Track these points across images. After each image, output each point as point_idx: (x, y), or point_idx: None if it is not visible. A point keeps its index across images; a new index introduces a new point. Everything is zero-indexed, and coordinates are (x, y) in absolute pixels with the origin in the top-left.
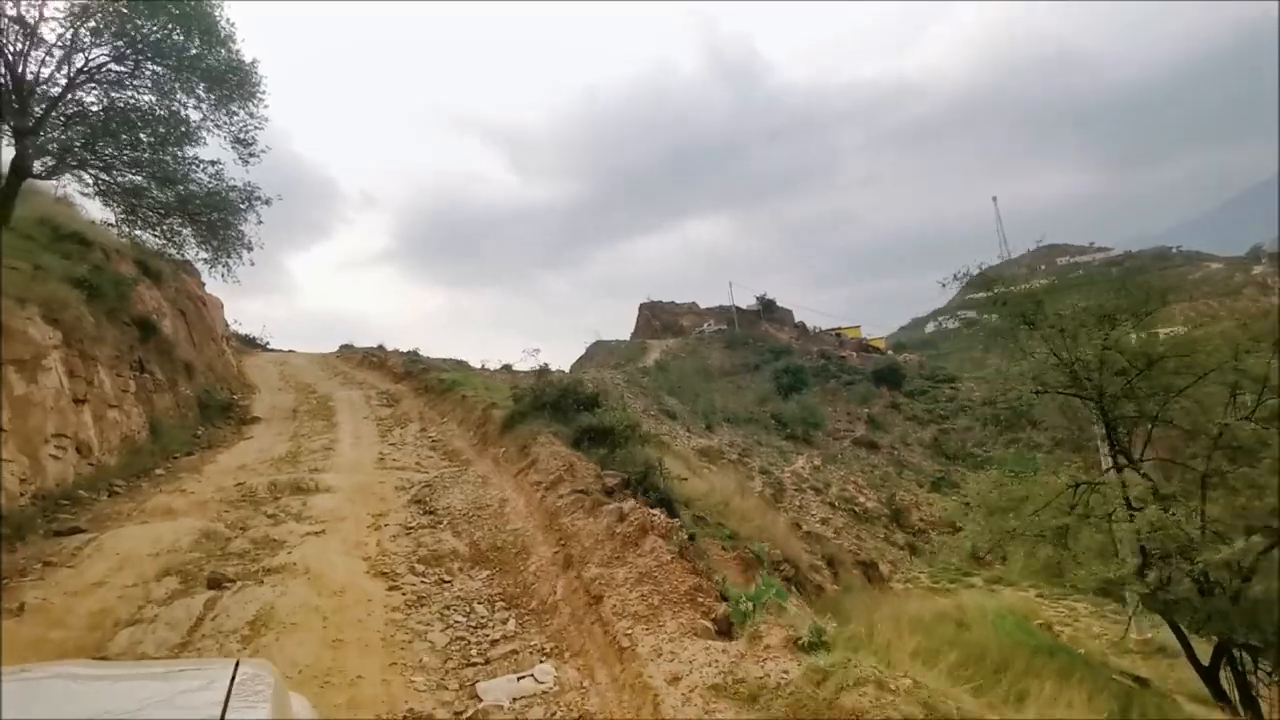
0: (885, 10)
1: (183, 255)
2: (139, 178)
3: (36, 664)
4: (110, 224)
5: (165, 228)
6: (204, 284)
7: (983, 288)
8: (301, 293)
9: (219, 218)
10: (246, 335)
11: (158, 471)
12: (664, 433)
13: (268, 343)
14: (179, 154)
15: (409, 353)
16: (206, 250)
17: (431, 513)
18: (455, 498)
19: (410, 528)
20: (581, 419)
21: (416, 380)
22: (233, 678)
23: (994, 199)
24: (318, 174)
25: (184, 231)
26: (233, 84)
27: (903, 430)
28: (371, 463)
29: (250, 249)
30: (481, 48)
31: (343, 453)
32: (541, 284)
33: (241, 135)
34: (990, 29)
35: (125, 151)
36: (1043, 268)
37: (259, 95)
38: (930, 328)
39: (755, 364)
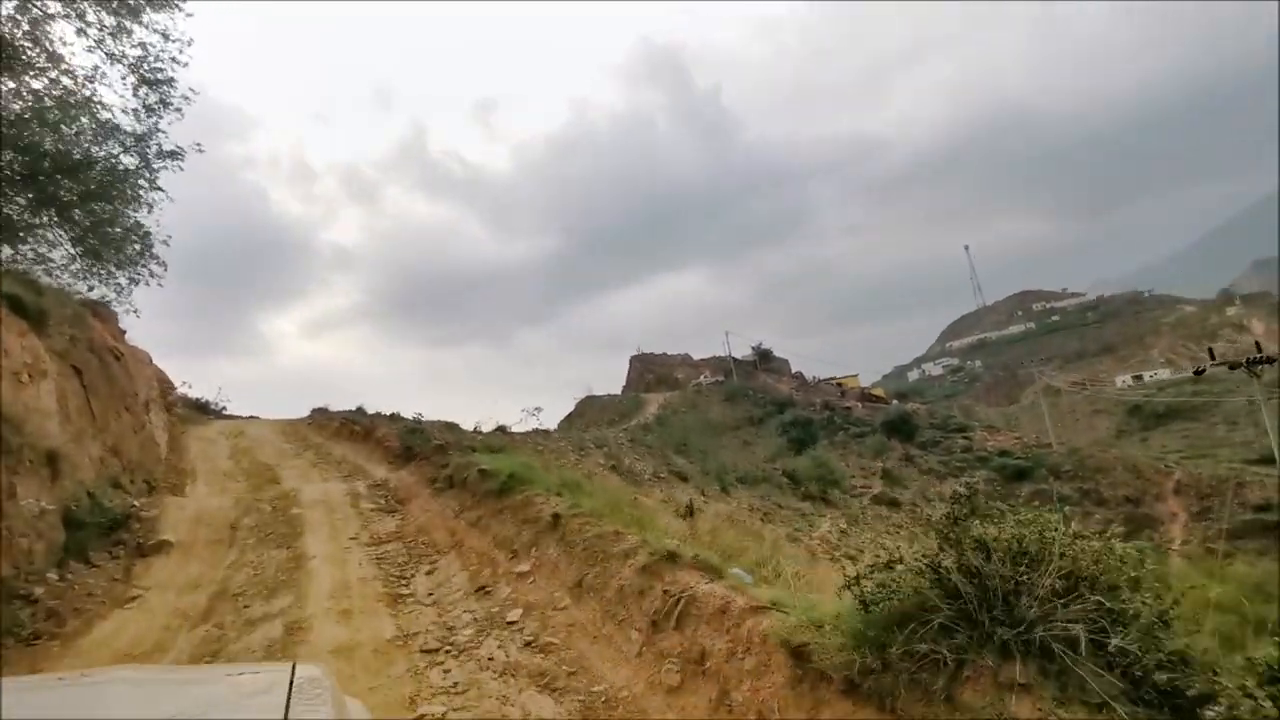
0: (849, 66)
1: (51, 267)
2: None
3: (96, 669)
4: None
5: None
6: (123, 331)
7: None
8: (274, 354)
9: (101, 207)
10: (197, 400)
11: None
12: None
13: (223, 408)
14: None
15: (403, 420)
16: (84, 257)
17: None
18: None
19: None
20: None
21: (429, 465)
22: (291, 680)
23: (966, 248)
24: (293, 235)
25: (44, 227)
26: None
27: (921, 485)
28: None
29: (154, 256)
30: (451, 90)
31: (318, 642)
32: (519, 339)
33: (147, 67)
34: (954, 87)
35: None
36: (1019, 313)
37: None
38: (914, 375)
39: (759, 417)
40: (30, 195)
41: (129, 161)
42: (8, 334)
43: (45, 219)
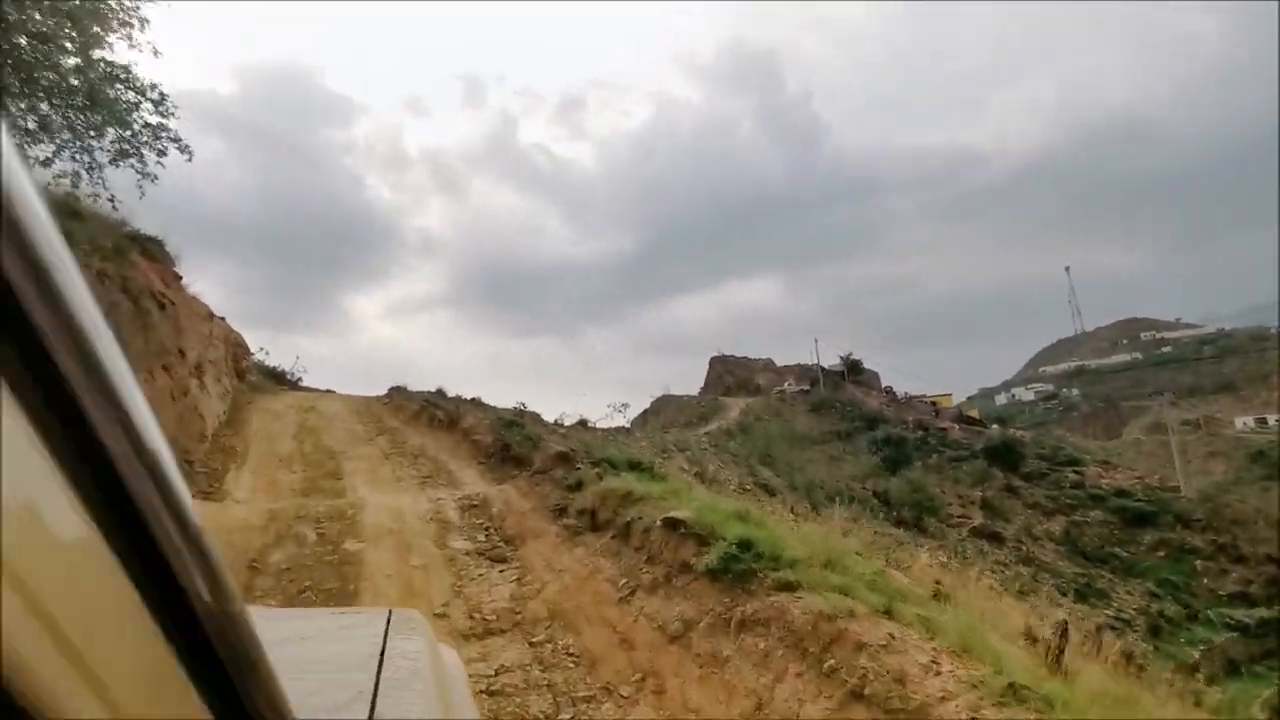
0: (946, 76)
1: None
2: None
3: None
4: None
5: None
6: (179, 277)
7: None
8: (355, 333)
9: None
10: (273, 368)
11: None
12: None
13: (299, 379)
14: None
15: (492, 409)
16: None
17: None
18: None
19: None
20: None
21: (547, 481)
22: (389, 619)
23: (1067, 269)
24: (382, 220)
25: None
26: None
27: (1026, 520)
28: None
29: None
30: (542, 84)
31: None
32: (588, 336)
33: None
34: (1056, 98)
35: None
36: (1123, 342)
37: None
38: (1002, 399)
39: (846, 431)
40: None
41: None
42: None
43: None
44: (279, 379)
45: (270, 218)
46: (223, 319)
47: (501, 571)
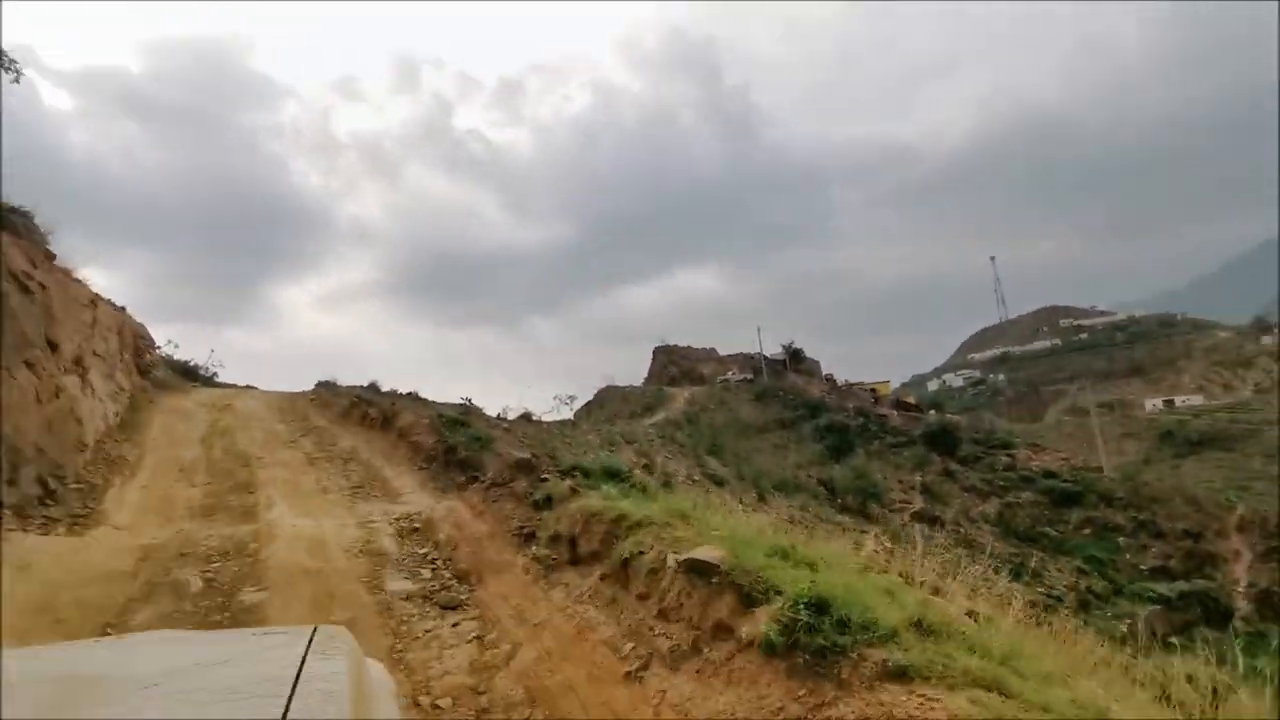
0: (882, 68)
1: None
2: None
3: (137, 633)
4: None
5: None
6: (53, 256)
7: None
8: (285, 325)
9: None
10: (184, 363)
11: None
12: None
13: (214, 374)
14: None
15: (432, 404)
16: None
17: None
18: None
19: None
20: None
21: (507, 495)
22: (310, 637)
23: (992, 259)
24: (311, 207)
25: None
26: None
27: (963, 503)
28: None
29: None
30: (477, 68)
31: None
32: (530, 326)
33: None
34: (986, 93)
35: None
36: (1044, 329)
37: None
38: (934, 384)
39: (790, 419)
40: None
41: None
42: None
43: None
44: (191, 374)
45: (194, 204)
46: (122, 307)
47: (455, 626)
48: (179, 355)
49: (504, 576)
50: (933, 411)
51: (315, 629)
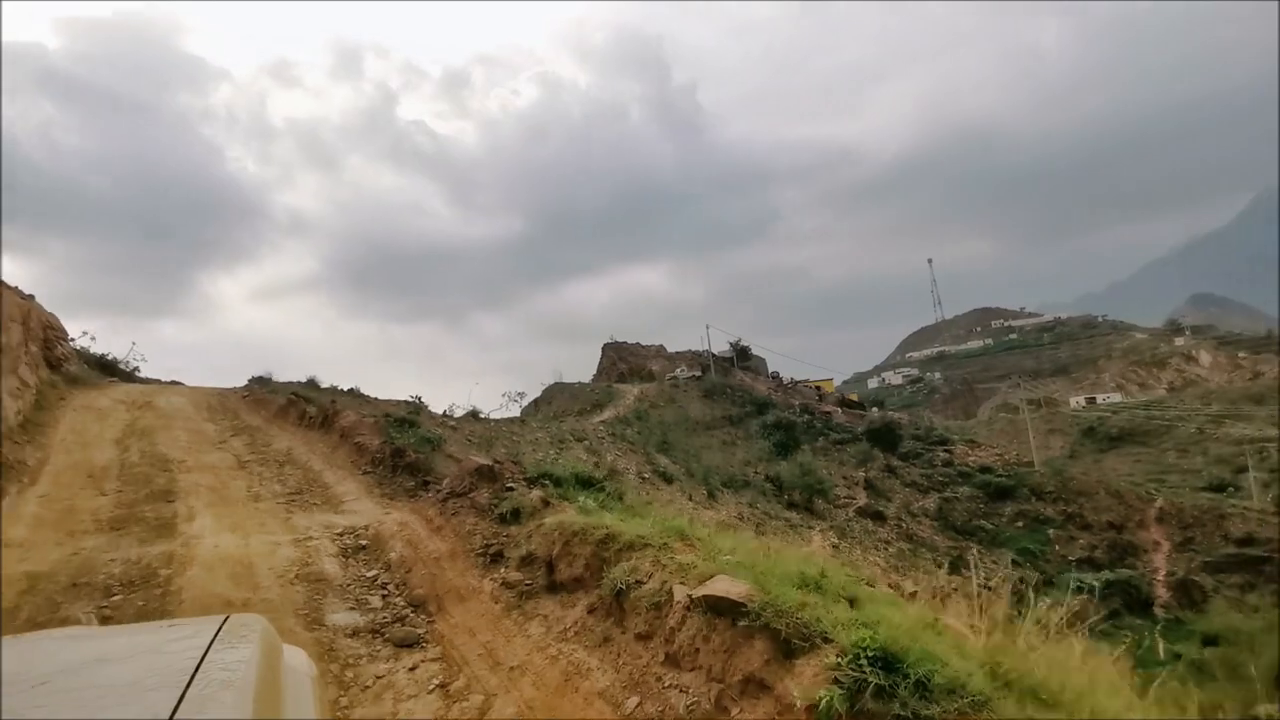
0: (828, 70)
1: None
2: None
3: (41, 630)
4: None
5: None
6: None
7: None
8: (217, 317)
9: None
10: (101, 356)
11: None
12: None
13: (135, 369)
14: None
15: (376, 401)
16: None
17: None
18: None
19: None
20: None
21: (467, 508)
22: (220, 627)
23: (929, 261)
24: (246, 195)
25: None
26: None
27: (905, 498)
28: None
29: None
30: (422, 59)
31: None
32: (476, 321)
33: None
34: (926, 97)
35: None
36: (978, 329)
37: None
38: (874, 382)
39: (738, 416)
40: None
41: None
42: None
43: None
44: (110, 369)
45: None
46: (30, 295)
47: (413, 670)
48: (96, 348)
49: (469, 605)
50: (875, 409)
51: (227, 618)
